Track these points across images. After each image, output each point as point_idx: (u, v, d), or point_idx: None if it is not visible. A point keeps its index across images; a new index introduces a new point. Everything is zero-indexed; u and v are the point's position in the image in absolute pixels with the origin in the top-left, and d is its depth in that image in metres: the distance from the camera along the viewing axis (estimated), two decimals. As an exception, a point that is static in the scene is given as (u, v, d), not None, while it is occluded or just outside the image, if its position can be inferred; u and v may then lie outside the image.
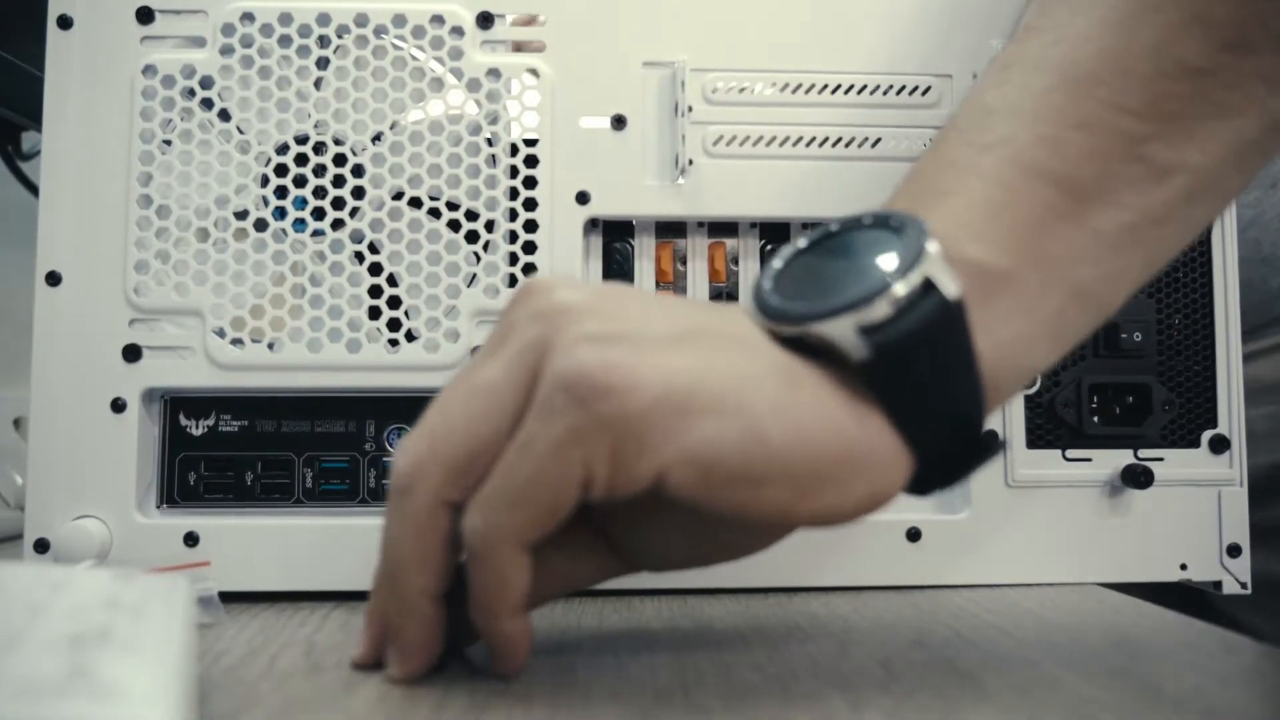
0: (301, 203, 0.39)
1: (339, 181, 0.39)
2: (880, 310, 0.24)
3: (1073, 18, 0.28)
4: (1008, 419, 0.41)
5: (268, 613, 0.36)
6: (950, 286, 0.24)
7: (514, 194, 0.40)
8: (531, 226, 0.39)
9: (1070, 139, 0.27)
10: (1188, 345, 0.41)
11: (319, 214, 0.39)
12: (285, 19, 0.39)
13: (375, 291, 0.39)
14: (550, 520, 0.24)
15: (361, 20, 0.39)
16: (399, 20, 0.39)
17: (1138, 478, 0.40)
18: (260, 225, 0.39)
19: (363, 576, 0.38)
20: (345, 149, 0.39)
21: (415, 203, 0.39)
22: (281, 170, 0.39)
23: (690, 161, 0.40)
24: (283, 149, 0.39)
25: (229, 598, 0.37)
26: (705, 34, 0.40)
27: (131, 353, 0.38)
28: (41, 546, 0.38)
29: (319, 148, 0.39)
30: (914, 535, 0.40)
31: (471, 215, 0.39)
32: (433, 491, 0.25)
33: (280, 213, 0.39)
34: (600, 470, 0.23)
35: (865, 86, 0.41)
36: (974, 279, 0.25)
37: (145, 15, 0.39)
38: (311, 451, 0.40)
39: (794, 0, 0.41)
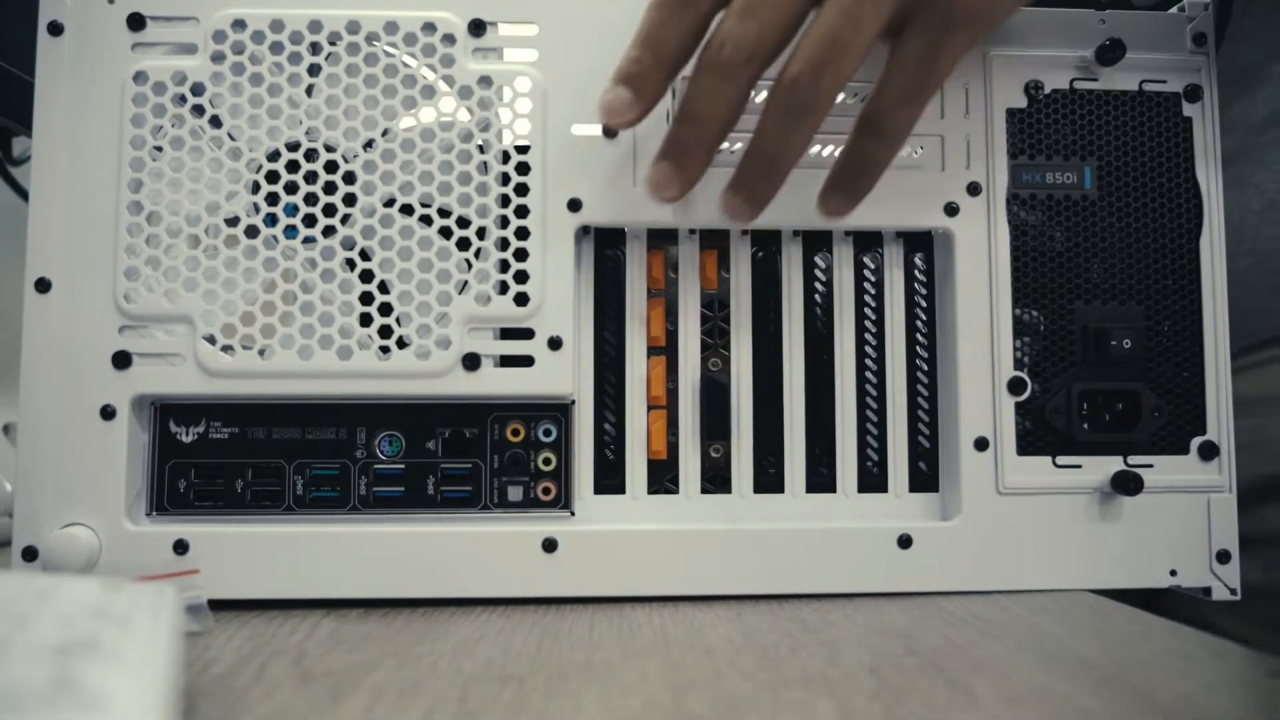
0: (292, 209, 0.39)
1: (330, 188, 0.39)
2: None
3: None
4: (998, 426, 0.41)
5: (257, 620, 0.36)
6: None
7: (505, 201, 0.40)
8: (523, 233, 0.40)
9: None
10: (1177, 352, 0.42)
11: (310, 221, 0.39)
12: (277, 26, 0.39)
13: (366, 298, 0.39)
14: None
15: (353, 27, 0.39)
16: (391, 27, 0.39)
17: (1127, 484, 0.40)
18: (251, 232, 0.39)
19: (353, 584, 0.38)
20: (337, 156, 0.39)
21: (407, 210, 0.39)
22: (273, 177, 0.39)
23: (681, 169, 0.40)
24: (274, 156, 0.39)
25: (218, 605, 0.36)
26: (696, 42, 0.41)
27: (121, 359, 0.38)
28: (29, 554, 0.38)
29: (310, 155, 0.39)
30: (905, 542, 0.40)
31: (463, 222, 0.39)
32: (754, 76, 0.34)
33: (271, 219, 0.39)
34: None
35: (856, 94, 0.41)
36: None
37: (136, 22, 0.39)
38: (302, 459, 0.40)
39: (785, 8, 0.41)
